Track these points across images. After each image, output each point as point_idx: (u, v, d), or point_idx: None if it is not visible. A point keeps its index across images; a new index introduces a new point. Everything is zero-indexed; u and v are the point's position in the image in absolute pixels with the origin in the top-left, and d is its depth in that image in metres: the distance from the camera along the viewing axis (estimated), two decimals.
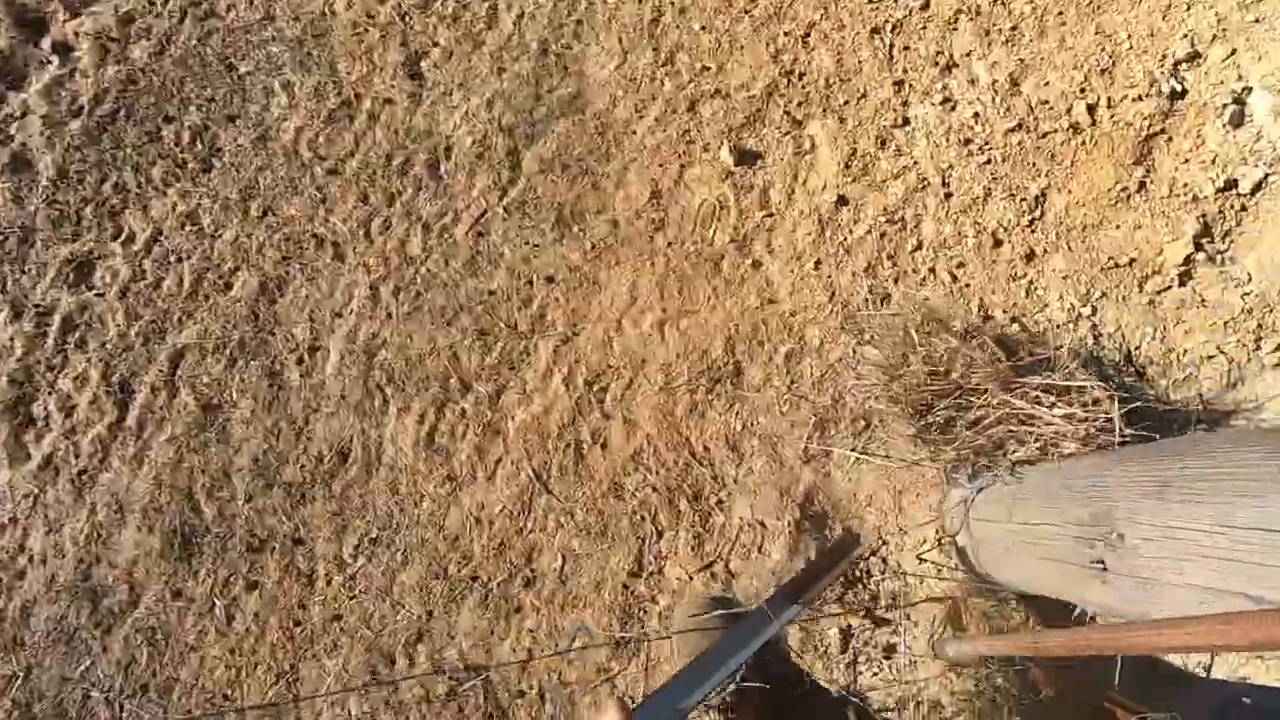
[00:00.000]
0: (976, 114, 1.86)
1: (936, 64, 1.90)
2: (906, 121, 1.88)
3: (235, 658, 1.58)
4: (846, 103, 1.90)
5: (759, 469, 1.67)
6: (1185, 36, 1.79)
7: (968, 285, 1.74)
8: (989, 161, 1.83)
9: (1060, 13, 1.89)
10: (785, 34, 1.97)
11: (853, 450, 1.64)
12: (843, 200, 1.83)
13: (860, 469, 1.63)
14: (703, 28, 2.01)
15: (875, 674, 1.53)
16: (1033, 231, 1.77)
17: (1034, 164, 1.82)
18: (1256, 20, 1.74)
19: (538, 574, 1.63)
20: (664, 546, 1.64)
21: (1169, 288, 1.68)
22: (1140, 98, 1.81)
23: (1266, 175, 1.65)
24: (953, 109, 1.88)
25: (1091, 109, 1.82)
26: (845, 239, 1.81)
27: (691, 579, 1.61)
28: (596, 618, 1.60)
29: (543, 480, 1.68)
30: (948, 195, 1.82)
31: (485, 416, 1.72)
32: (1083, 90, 1.83)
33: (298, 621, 1.61)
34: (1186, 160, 1.77)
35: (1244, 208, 1.67)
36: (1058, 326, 1.68)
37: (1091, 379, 1.15)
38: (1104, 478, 0.96)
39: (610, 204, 1.86)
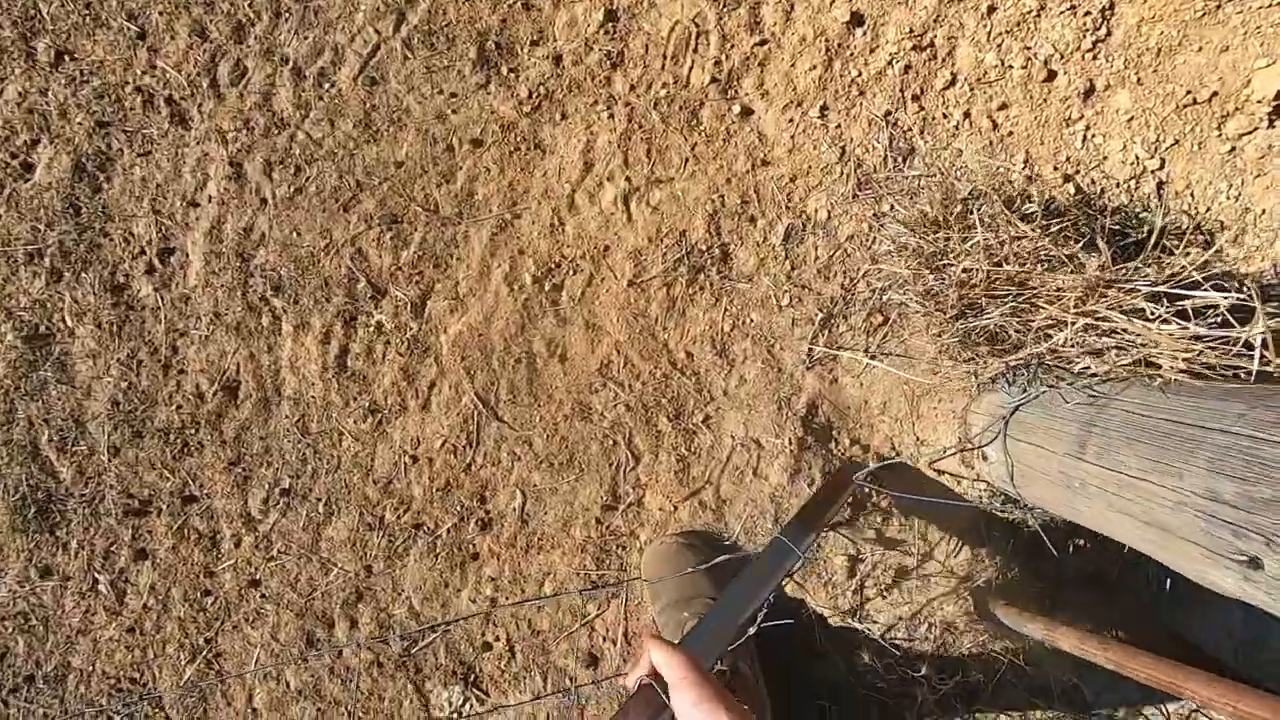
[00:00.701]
0: None
1: None
2: None
3: (137, 637, 1.32)
4: None
5: (752, 378, 1.38)
6: None
7: (1011, 134, 1.37)
8: None
9: None
10: None
11: (866, 353, 1.35)
12: (856, 19, 1.39)
13: (873, 372, 1.36)
14: None
15: (885, 598, 1.37)
16: (1095, 58, 1.38)
17: None
18: None
19: (494, 515, 1.37)
20: (642, 474, 1.38)
21: (1254, 130, 1.35)
22: None
23: None
24: None
25: None
26: (859, 74, 1.39)
27: (676, 509, 1.38)
28: (568, 559, 1.37)
29: (490, 405, 1.36)
30: (990, 9, 1.39)
31: (410, 330, 1.36)
32: None
33: (207, 591, 1.33)
34: None
35: None
36: (1118, 185, 1.36)
37: (1230, 290, 0.86)
38: (1262, 445, 0.70)
39: (549, 32, 1.38)
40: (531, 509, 1.37)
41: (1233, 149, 1.35)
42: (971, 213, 1.05)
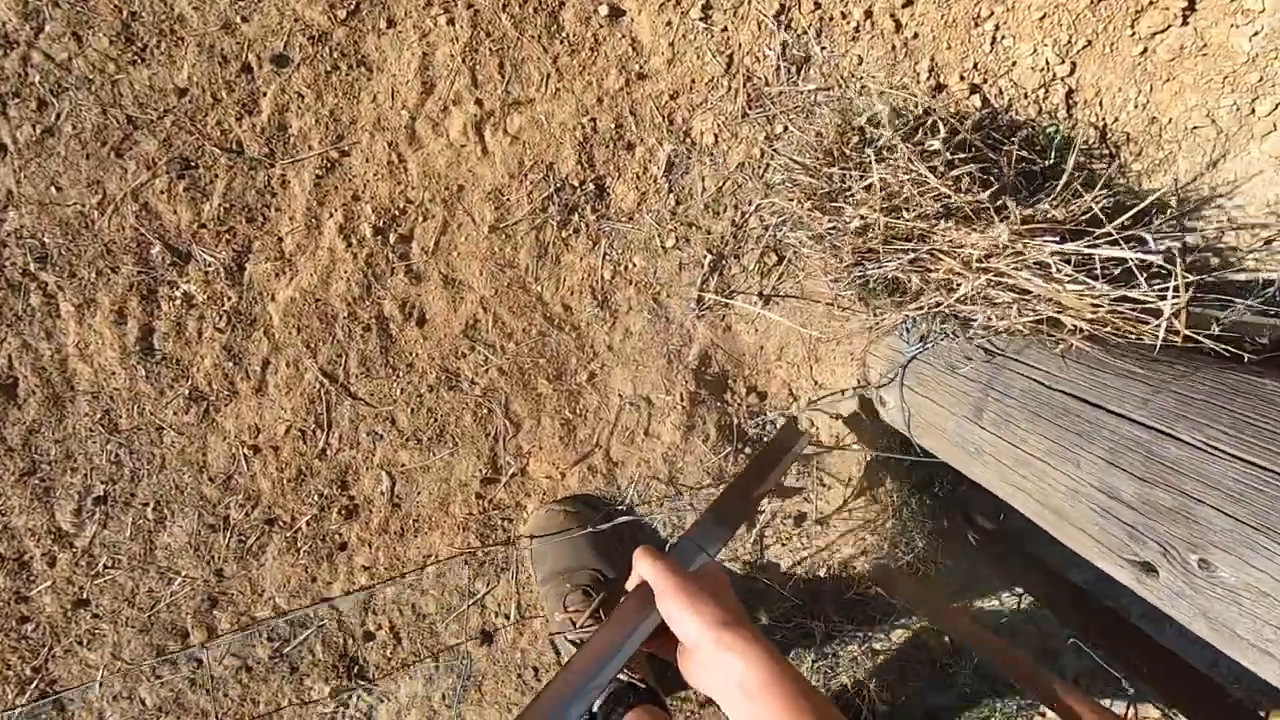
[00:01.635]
0: None
1: None
2: None
3: None
4: None
5: (639, 329, 1.24)
6: None
7: (915, 36, 1.21)
8: None
9: None
10: None
11: (761, 296, 1.23)
12: None
13: (769, 316, 1.25)
14: None
15: (783, 544, 1.34)
16: None
17: None
18: None
19: (360, 501, 1.22)
20: (523, 441, 1.25)
21: (1168, 27, 1.23)
22: None
23: None
24: None
25: None
26: None
27: (564, 476, 1.27)
28: (448, 539, 1.26)
29: (339, 381, 1.18)
30: None
31: (228, 300, 1.13)
32: None
33: (25, 618, 1.15)
34: None
35: None
36: (1026, 96, 1.24)
37: (1152, 250, 0.76)
38: (1165, 442, 0.63)
39: None
40: (402, 490, 1.23)
41: (1145, 50, 1.24)
42: (868, 145, 0.91)
